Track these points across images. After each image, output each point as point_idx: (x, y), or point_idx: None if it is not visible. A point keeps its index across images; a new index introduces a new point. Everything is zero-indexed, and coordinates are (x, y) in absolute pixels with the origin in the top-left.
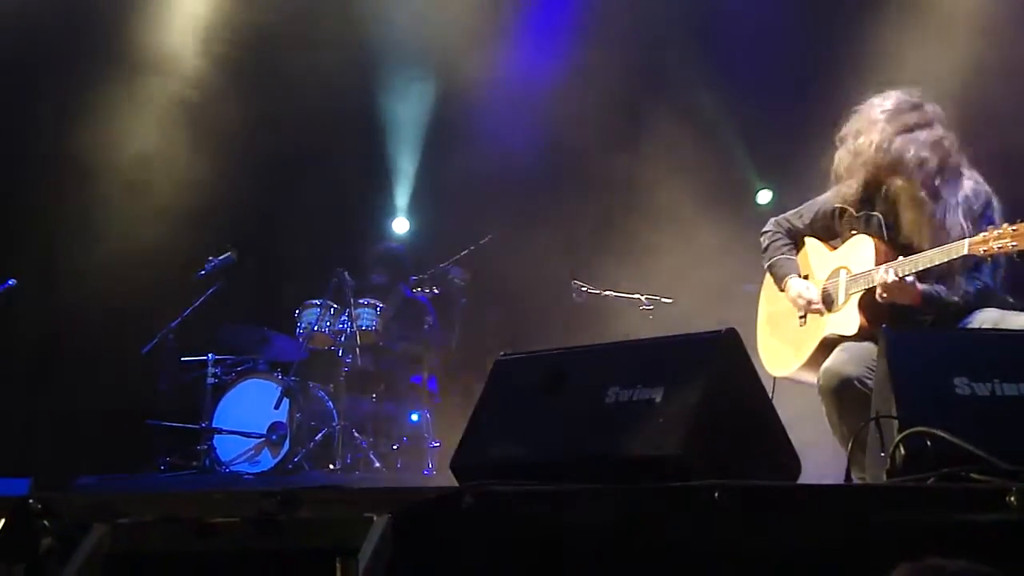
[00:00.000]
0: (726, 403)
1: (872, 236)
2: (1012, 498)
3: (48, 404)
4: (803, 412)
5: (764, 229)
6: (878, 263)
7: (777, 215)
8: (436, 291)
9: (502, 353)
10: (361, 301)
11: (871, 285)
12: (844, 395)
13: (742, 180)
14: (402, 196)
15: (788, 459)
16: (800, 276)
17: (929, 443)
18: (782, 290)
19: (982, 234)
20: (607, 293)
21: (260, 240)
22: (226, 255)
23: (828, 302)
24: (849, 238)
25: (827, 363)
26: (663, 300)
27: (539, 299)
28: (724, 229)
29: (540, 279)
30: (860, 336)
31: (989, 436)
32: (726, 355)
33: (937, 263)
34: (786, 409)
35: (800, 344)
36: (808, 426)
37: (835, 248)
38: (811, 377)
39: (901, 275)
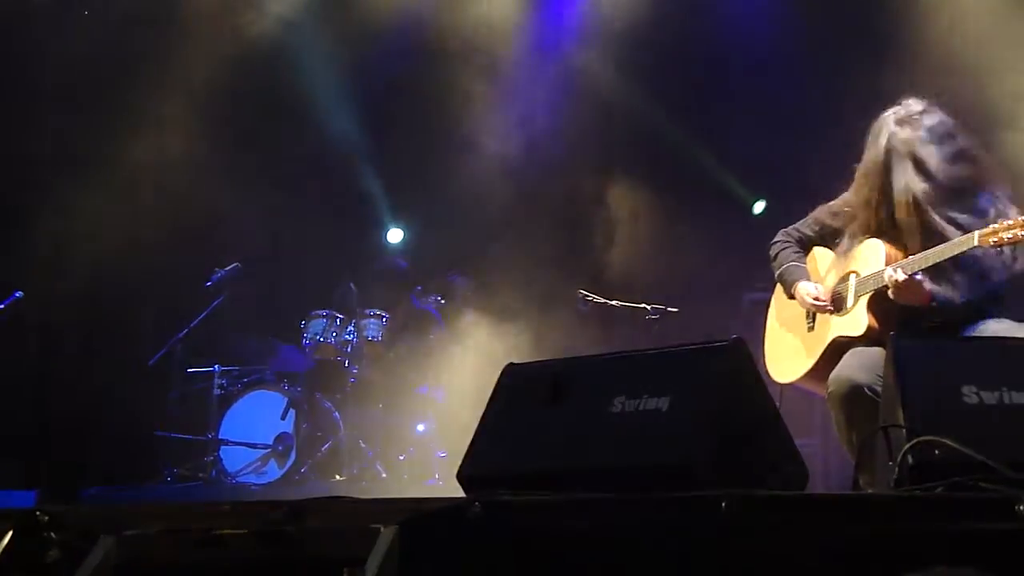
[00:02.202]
0: (733, 412)
1: (882, 239)
2: (1021, 507)
3: (55, 416)
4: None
5: (773, 240)
6: (888, 264)
7: (771, 223)
8: (442, 300)
9: (508, 363)
10: (367, 312)
11: (880, 285)
12: (854, 402)
13: (741, 192)
14: (400, 206)
15: (795, 468)
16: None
17: (937, 452)
18: (791, 296)
19: (992, 226)
20: (613, 302)
21: (266, 251)
22: (232, 266)
23: (838, 306)
24: (858, 243)
25: (837, 370)
26: (668, 309)
27: (545, 308)
28: (725, 239)
29: (545, 288)
30: (868, 337)
31: (997, 445)
32: (733, 364)
33: (948, 256)
34: (792, 418)
35: (808, 349)
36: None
37: (844, 254)
38: (817, 383)
39: (910, 272)
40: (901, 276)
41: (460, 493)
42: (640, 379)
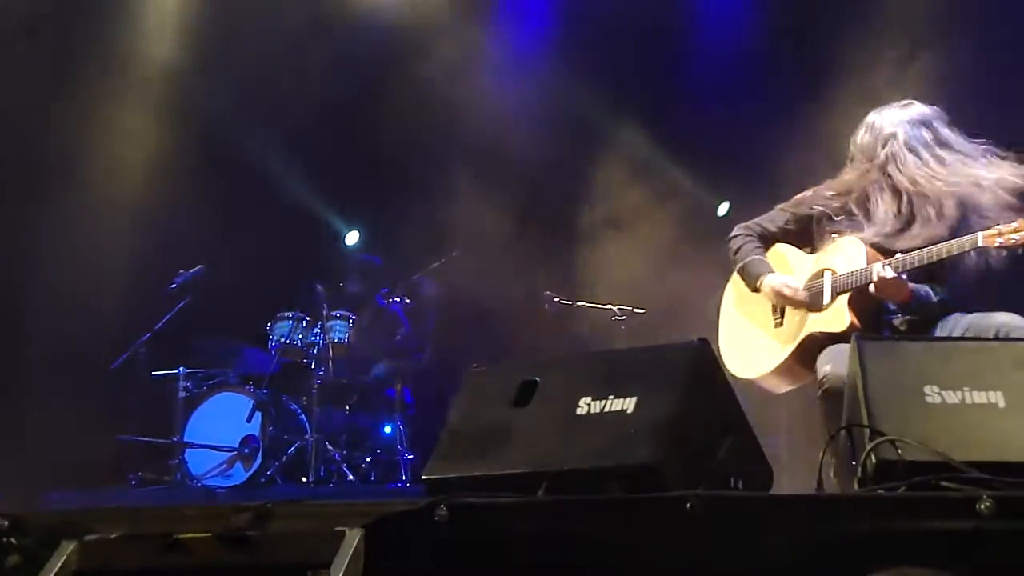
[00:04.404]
0: (699, 413)
1: (861, 239)
2: (983, 506)
3: (17, 419)
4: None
5: (732, 234)
6: (870, 263)
7: (736, 224)
8: (408, 302)
9: (474, 365)
10: (334, 313)
11: (864, 282)
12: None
13: (705, 194)
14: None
15: (761, 467)
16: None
17: (900, 452)
18: (755, 289)
19: (997, 227)
20: (579, 304)
21: (230, 252)
22: (196, 268)
23: (813, 302)
24: (831, 241)
25: (831, 367)
26: (635, 311)
27: (511, 310)
28: (690, 240)
29: (512, 290)
30: (846, 335)
31: (959, 444)
32: (698, 365)
33: (946, 256)
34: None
35: (776, 345)
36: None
37: (813, 251)
38: (784, 379)
39: (899, 271)
40: (890, 274)
41: (427, 495)
42: (606, 380)
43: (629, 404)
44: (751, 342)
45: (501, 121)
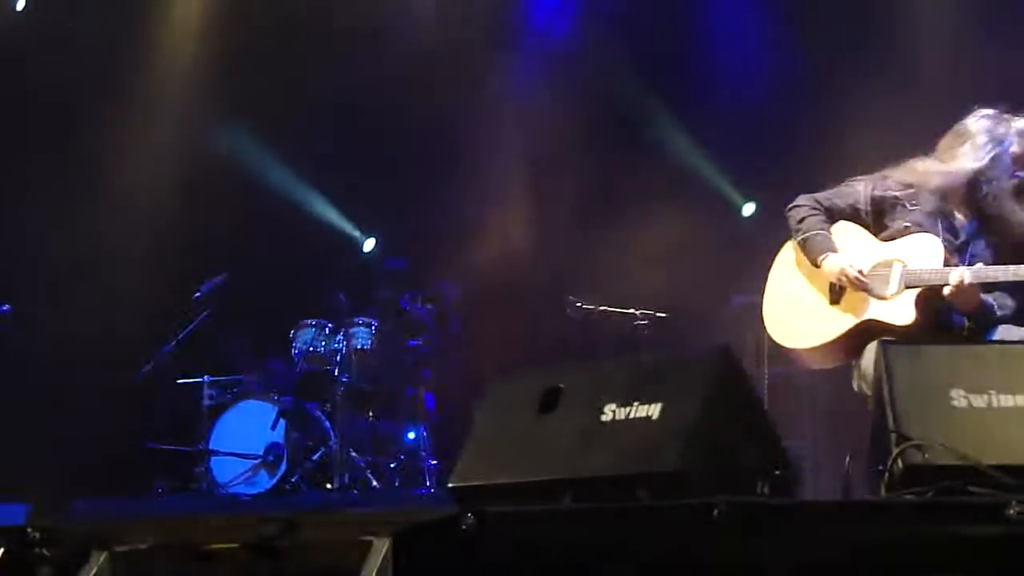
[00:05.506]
0: (724, 418)
1: (938, 238)
2: (1011, 511)
3: (44, 429)
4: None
5: (797, 203)
6: (946, 266)
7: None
8: (431, 308)
9: (498, 372)
10: (356, 320)
11: (939, 283)
12: None
13: (728, 195)
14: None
15: (787, 472)
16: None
17: (927, 456)
18: (816, 265)
19: None
20: (602, 308)
21: (254, 260)
22: (220, 277)
23: (876, 290)
24: (906, 233)
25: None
26: (658, 315)
27: (535, 315)
28: (712, 242)
29: (535, 295)
30: (907, 330)
31: (986, 448)
32: (724, 371)
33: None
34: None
35: (829, 323)
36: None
37: (888, 240)
38: (828, 356)
39: (978, 280)
40: (969, 279)
41: (452, 502)
42: (630, 387)
43: (654, 410)
44: (801, 313)
45: (523, 121)
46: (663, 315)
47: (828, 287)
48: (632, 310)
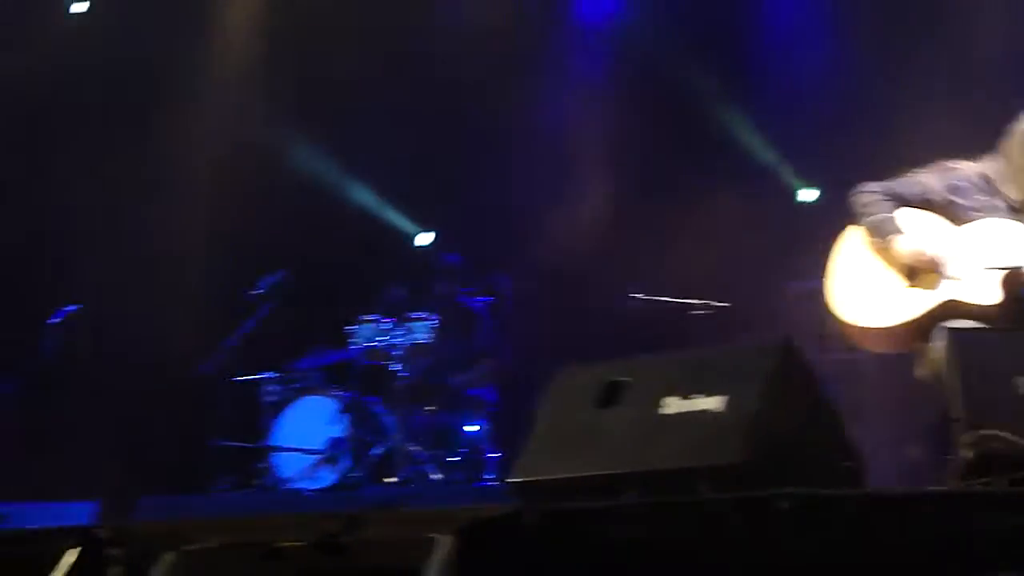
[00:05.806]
0: (787, 409)
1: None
2: None
3: (110, 426)
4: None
5: (863, 189)
6: None
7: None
8: (488, 301)
9: (559, 366)
10: (415, 315)
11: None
12: None
13: (784, 181)
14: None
15: (853, 463)
16: None
17: (997, 445)
18: (886, 247)
19: None
20: (660, 299)
21: (311, 256)
22: (279, 272)
23: (953, 272)
24: (978, 217)
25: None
26: (718, 304)
27: (594, 307)
28: (768, 228)
29: (594, 286)
30: (991, 311)
31: None
32: (787, 363)
33: None
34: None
35: (909, 301)
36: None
37: (964, 227)
38: (902, 339)
39: None
40: None
41: (514, 495)
42: (692, 379)
43: (717, 403)
44: (876, 293)
45: (578, 110)
46: (724, 305)
47: (901, 269)
48: (690, 300)
